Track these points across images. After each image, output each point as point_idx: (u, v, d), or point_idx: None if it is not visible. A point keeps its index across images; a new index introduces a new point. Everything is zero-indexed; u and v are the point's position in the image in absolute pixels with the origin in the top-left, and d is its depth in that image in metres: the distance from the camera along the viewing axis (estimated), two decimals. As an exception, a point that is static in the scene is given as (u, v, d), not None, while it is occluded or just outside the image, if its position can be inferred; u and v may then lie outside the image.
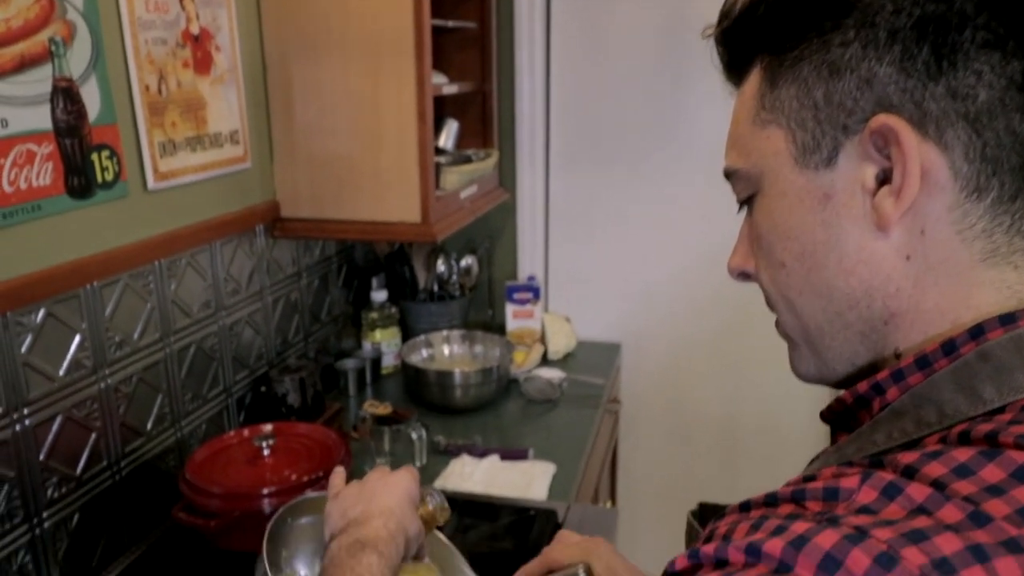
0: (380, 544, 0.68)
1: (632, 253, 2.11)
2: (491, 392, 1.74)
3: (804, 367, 0.55)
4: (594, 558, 0.78)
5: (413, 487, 0.79)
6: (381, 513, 0.72)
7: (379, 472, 0.80)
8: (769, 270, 0.53)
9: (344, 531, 0.70)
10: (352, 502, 0.75)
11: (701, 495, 2.19)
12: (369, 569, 0.64)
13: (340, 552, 0.67)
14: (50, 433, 1.06)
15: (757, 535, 0.39)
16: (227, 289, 1.43)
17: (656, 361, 2.16)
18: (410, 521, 0.74)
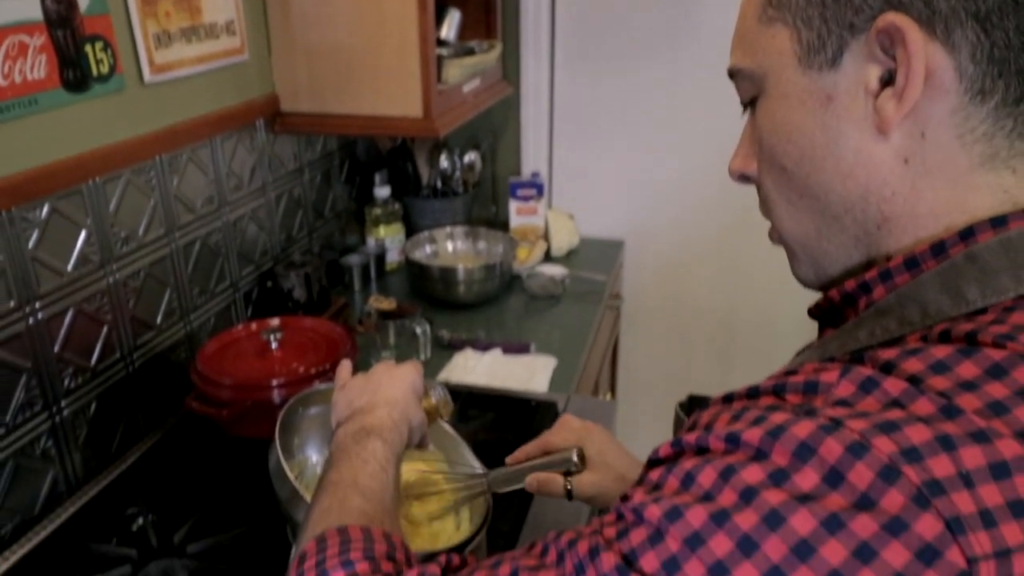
0: (384, 432, 0.70)
1: (637, 150, 2.09)
2: (494, 288, 1.76)
3: (803, 272, 0.56)
4: (588, 443, 0.82)
5: (417, 380, 0.81)
6: (386, 403, 0.75)
7: (384, 365, 0.82)
8: (770, 174, 0.53)
9: (350, 419, 0.73)
10: (358, 393, 0.77)
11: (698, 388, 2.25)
12: (374, 455, 0.67)
13: (346, 439, 0.70)
14: (63, 326, 1.09)
15: (737, 425, 0.40)
16: (229, 185, 1.43)
17: (658, 258, 2.18)
18: (414, 412, 0.77)
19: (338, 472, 0.65)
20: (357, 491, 0.62)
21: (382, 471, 0.66)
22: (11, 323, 1.01)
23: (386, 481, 0.65)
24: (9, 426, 1.02)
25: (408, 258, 1.78)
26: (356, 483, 0.63)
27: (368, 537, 0.54)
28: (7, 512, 1.03)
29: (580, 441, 0.83)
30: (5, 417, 1.01)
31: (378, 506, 0.61)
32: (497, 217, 2.18)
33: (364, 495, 0.61)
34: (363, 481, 0.63)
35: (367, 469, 0.65)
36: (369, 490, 0.62)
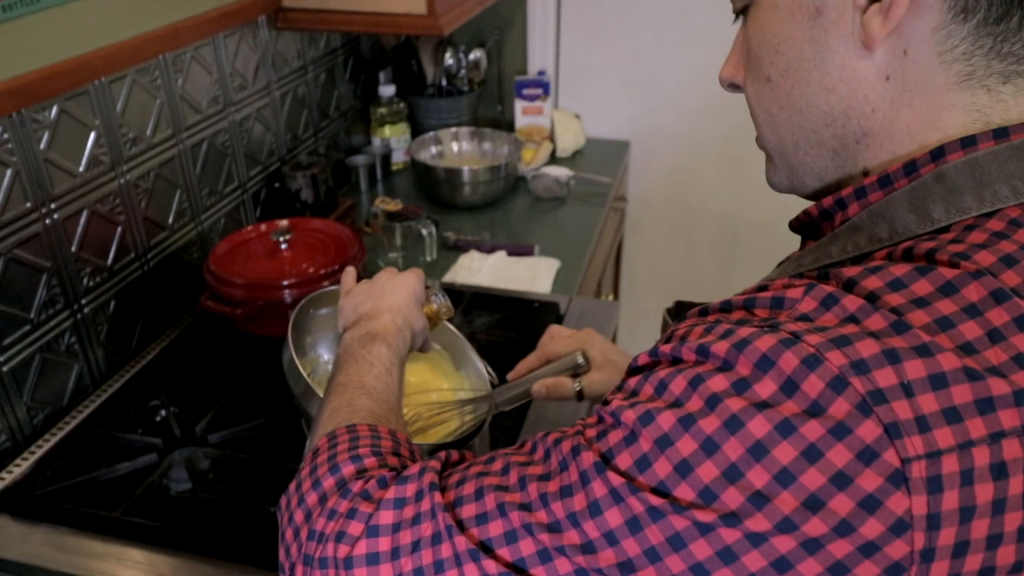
0: (389, 336, 0.74)
1: (646, 48, 2.04)
2: (499, 189, 1.77)
3: (777, 178, 0.58)
4: (588, 346, 0.86)
5: (418, 287, 0.84)
6: (389, 309, 0.78)
7: (387, 272, 0.85)
8: (755, 83, 0.54)
9: (356, 324, 0.76)
10: (363, 299, 0.80)
11: (700, 290, 2.30)
12: (379, 358, 0.70)
13: (352, 343, 0.73)
14: (78, 227, 1.11)
15: (708, 337, 0.43)
16: (234, 84, 1.43)
17: (663, 160, 2.17)
18: (416, 317, 0.80)
19: (346, 374, 0.68)
20: (364, 392, 0.65)
21: (387, 373, 0.69)
22: (29, 223, 1.03)
23: (391, 383, 0.69)
24: (34, 323, 1.06)
25: (414, 159, 1.79)
26: (363, 384, 0.66)
27: (375, 434, 0.59)
28: (37, 403, 1.08)
29: (580, 345, 0.86)
30: (30, 314, 1.05)
31: (383, 406, 0.65)
32: (503, 117, 2.16)
33: (371, 395, 0.65)
34: (369, 383, 0.67)
35: (373, 371, 0.69)
36: (375, 391, 0.66)
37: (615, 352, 0.86)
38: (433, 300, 0.86)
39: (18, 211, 1.01)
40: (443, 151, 1.92)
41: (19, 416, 1.05)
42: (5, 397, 1.03)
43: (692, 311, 0.50)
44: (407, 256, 1.55)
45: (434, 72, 1.99)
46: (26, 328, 1.05)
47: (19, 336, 1.04)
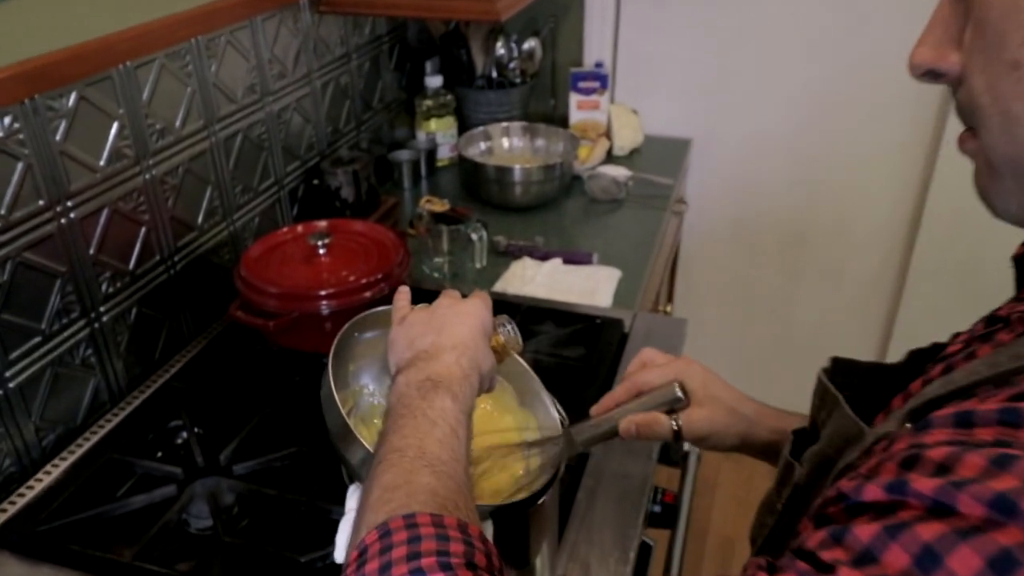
0: (454, 384, 0.60)
1: (711, 39, 1.89)
2: (553, 190, 1.64)
3: (1004, 203, 0.43)
4: (686, 377, 0.73)
5: (486, 317, 0.70)
6: (454, 347, 0.64)
7: (449, 298, 0.71)
8: (991, 70, 0.39)
9: (412, 365, 0.63)
10: (421, 330, 0.67)
11: (763, 304, 2.13)
12: (444, 414, 0.57)
13: (409, 391, 0.60)
14: (97, 226, 1.00)
15: (1003, 478, 0.29)
16: (272, 72, 1.31)
17: (727, 160, 2.02)
18: (483, 356, 0.66)
19: (401, 436, 0.55)
20: (425, 463, 0.53)
21: (453, 435, 0.56)
22: (42, 223, 0.92)
23: (458, 448, 0.56)
24: (46, 334, 0.95)
25: (461, 155, 1.66)
26: (424, 452, 0.53)
27: (441, 532, 0.46)
28: (48, 422, 0.98)
29: (680, 375, 0.74)
30: (41, 324, 0.94)
31: (450, 482, 0.52)
32: (555, 112, 2.02)
33: (434, 468, 0.52)
34: (432, 449, 0.54)
35: (435, 433, 0.55)
36: (440, 461, 0.53)
37: (718, 385, 0.74)
38: (501, 331, 0.73)
39: (30, 209, 0.91)
40: (492, 147, 1.79)
41: (27, 437, 0.95)
42: (11, 416, 0.92)
43: (942, 416, 0.35)
44: (454, 262, 1.42)
45: (484, 62, 1.86)
46: (36, 340, 0.94)
47: (28, 348, 0.93)
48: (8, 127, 0.86)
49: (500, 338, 0.72)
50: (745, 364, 2.21)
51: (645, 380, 0.75)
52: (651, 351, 0.80)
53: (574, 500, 0.90)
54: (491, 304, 0.72)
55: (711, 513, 2.08)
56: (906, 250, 1.95)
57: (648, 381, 0.75)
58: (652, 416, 0.72)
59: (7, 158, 0.87)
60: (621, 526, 0.89)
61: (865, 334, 2.10)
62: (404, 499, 0.49)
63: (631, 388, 0.76)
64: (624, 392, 0.76)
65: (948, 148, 1.79)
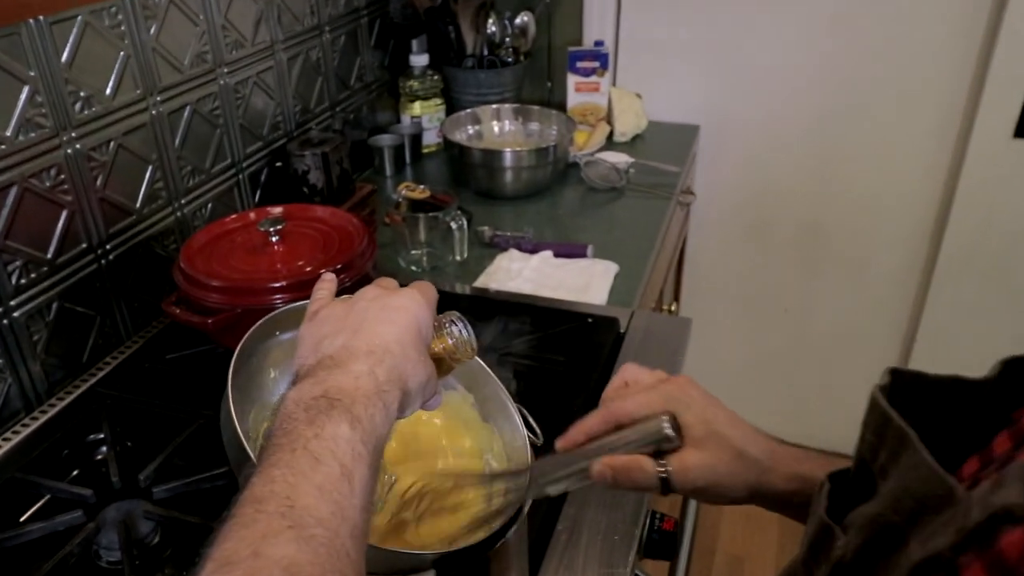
0: (357, 403, 0.45)
1: (723, 18, 1.74)
2: (546, 176, 1.49)
3: None
4: (680, 407, 0.56)
5: (422, 313, 0.54)
6: (369, 353, 0.49)
7: (376, 288, 0.56)
8: None
9: (311, 374, 0.48)
10: (332, 329, 0.52)
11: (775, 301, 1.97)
12: (333, 447, 0.42)
13: (297, 410, 0.45)
14: (4, 207, 0.86)
15: None
16: (227, 40, 1.17)
17: (738, 149, 1.86)
18: (413, 365, 0.51)
19: (268, 479, 0.40)
20: (290, 523, 0.38)
21: (343, 478, 0.41)
22: (-72, 202, 0.79)
23: (348, 498, 0.41)
24: (-64, 331, 0.82)
25: (446, 139, 1.51)
26: (293, 506, 0.39)
27: None
28: (-57, 434, 0.84)
29: (670, 404, 0.56)
30: (-70, 320, 0.81)
31: (322, 551, 0.37)
32: (552, 96, 1.88)
33: (302, 531, 0.37)
34: (305, 501, 0.39)
35: (316, 477, 0.40)
36: (313, 520, 0.38)
37: (721, 418, 0.56)
38: (447, 332, 0.57)
39: (-88, 185, 0.77)
40: (481, 131, 1.64)
41: (-86, 452, 0.81)
42: None
43: None
44: (433, 254, 1.28)
45: (474, 40, 1.72)
46: (-76, 338, 0.80)
47: (-86, 349, 0.80)
48: None
49: (447, 341, 0.57)
50: (757, 368, 2.06)
51: (625, 409, 0.58)
52: (633, 367, 0.63)
53: (552, 533, 0.76)
54: (434, 297, 0.57)
55: (718, 529, 1.93)
56: (933, 244, 1.79)
57: (629, 411, 0.57)
58: (633, 460, 0.55)
59: None
60: (609, 563, 0.74)
61: (888, 335, 1.94)
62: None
63: (607, 417, 0.58)
64: (600, 422, 0.58)
65: (980, 135, 1.63)
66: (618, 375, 0.63)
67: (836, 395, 2.03)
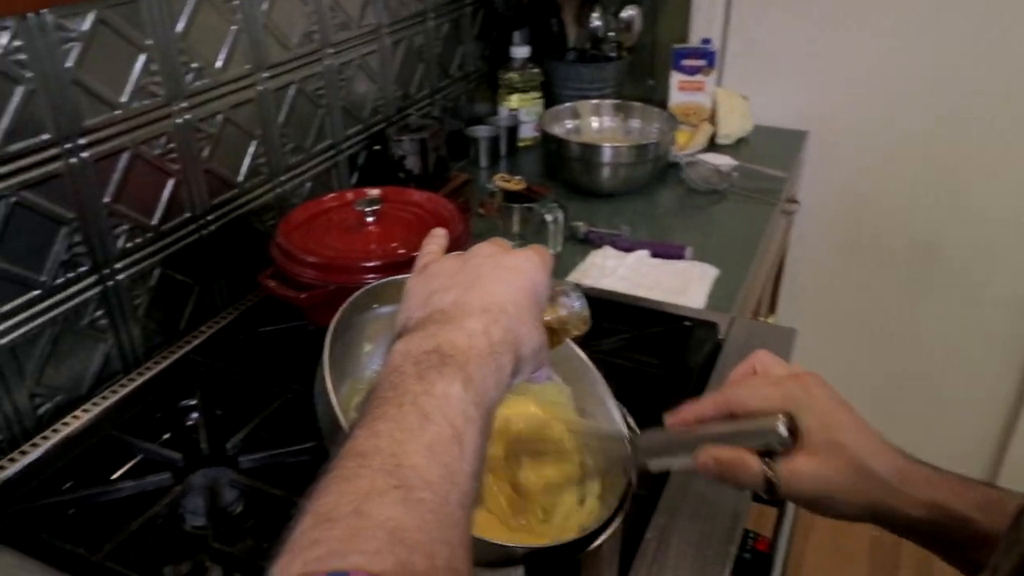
0: (471, 362, 0.42)
1: (839, 19, 1.66)
2: (645, 175, 1.45)
3: None
4: (801, 407, 0.51)
5: (540, 277, 0.51)
6: (484, 310, 0.46)
7: (492, 245, 0.54)
8: None
9: (420, 327, 0.45)
10: (443, 283, 0.49)
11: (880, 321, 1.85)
12: (444, 406, 0.39)
13: (405, 364, 0.42)
14: (115, 171, 0.88)
15: None
16: (334, 20, 1.17)
17: (849, 157, 1.77)
18: (528, 330, 0.48)
19: (373, 433, 0.38)
20: (397, 482, 0.35)
21: (453, 439, 0.38)
22: (46, 160, 0.80)
23: (458, 461, 0.38)
24: (47, 287, 0.83)
25: (544, 132, 1.49)
26: (400, 464, 0.36)
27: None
28: (46, 388, 0.86)
29: (789, 402, 0.51)
30: (40, 276, 0.83)
31: (430, 518, 0.34)
32: (654, 93, 1.83)
33: (409, 493, 0.34)
34: (414, 460, 0.36)
35: (425, 435, 0.37)
36: (422, 482, 0.35)
37: (847, 426, 0.51)
38: (562, 303, 0.54)
39: (32, 143, 0.79)
40: (580, 127, 1.61)
41: (19, 403, 0.83)
42: (1, 378, 0.81)
43: None
44: (524, 246, 1.25)
45: (577, 34, 1.69)
46: (35, 294, 0.82)
47: (24, 303, 0.82)
48: (7, 45, 0.74)
49: (559, 311, 0.54)
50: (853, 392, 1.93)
51: (742, 400, 0.53)
52: (768, 355, 0.58)
53: (641, 541, 0.71)
54: (551, 263, 0.54)
55: (803, 558, 1.83)
56: (1060, 271, 1.66)
57: (746, 402, 0.53)
58: (739, 456, 0.51)
59: (4, 79, 0.75)
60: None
61: (1003, 366, 1.81)
62: (341, 541, 0.31)
63: (721, 403, 0.54)
64: (712, 406, 0.54)
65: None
66: (747, 361, 0.58)
67: (940, 430, 1.90)
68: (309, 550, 0.31)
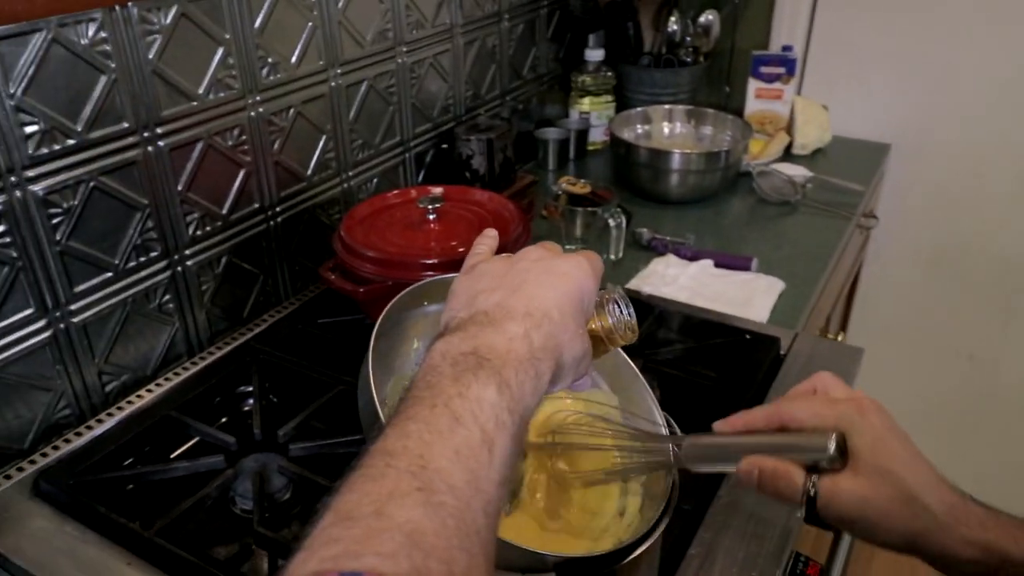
0: (509, 366, 0.42)
1: (932, 28, 1.59)
2: (714, 183, 1.41)
3: None
4: (855, 428, 0.49)
5: (587, 284, 0.51)
6: (527, 315, 0.45)
7: (541, 249, 0.53)
8: None
9: (462, 328, 0.45)
10: (489, 284, 0.49)
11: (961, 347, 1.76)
12: (477, 410, 0.39)
13: (443, 364, 0.42)
14: (189, 160, 0.91)
15: None
16: (409, 19, 1.19)
17: (934, 172, 1.69)
18: (570, 337, 0.47)
19: (403, 433, 0.37)
20: (420, 484, 0.35)
21: (483, 445, 0.38)
22: (124, 148, 0.84)
23: (485, 468, 0.37)
24: (119, 270, 0.87)
25: (613, 136, 1.47)
26: (425, 466, 0.36)
27: None
28: (114, 367, 0.90)
29: (843, 423, 0.50)
30: (114, 259, 0.86)
31: (450, 523, 0.34)
32: (730, 102, 1.78)
33: (431, 496, 0.34)
34: (439, 463, 0.36)
35: (455, 438, 0.37)
36: (446, 486, 0.35)
37: (899, 454, 0.49)
38: (609, 310, 0.54)
39: (112, 130, 0.82)
40: (651, 132, 1.59)
41: (88, 380, 0.87)
42: (71, 355, 0.84)
43: None
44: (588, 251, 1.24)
45: (653, 38, 1.66)
46: (107, 275, 0.86)
47: (97, 284, 0.85)
48: (93, 36, 0.78)
49: (606, 319, 0.53)
50: (927, 419, 1.85)
51: (794, 414, 0.52)
52: (830, 377, 0.56)
53: (683, 558, 0.70)
54: (601, 269, 0.53)
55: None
56: None
57: (798, 417, 0.52)
58: (783, 467, 0.50)
59: (89, 69, 0.78)
60: (744, 601, 0.67)
61: (1093, 401, 1.70)
62: (358, 542, 0.31)
63: (773, 416, 0.53)
64: (763, 417, 0.54)
65: None
66: (809, 380, 0.57)
67: (1019, 463, 1.80)
68: (326, 548, 0.31)
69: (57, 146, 0.77)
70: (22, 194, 0.75)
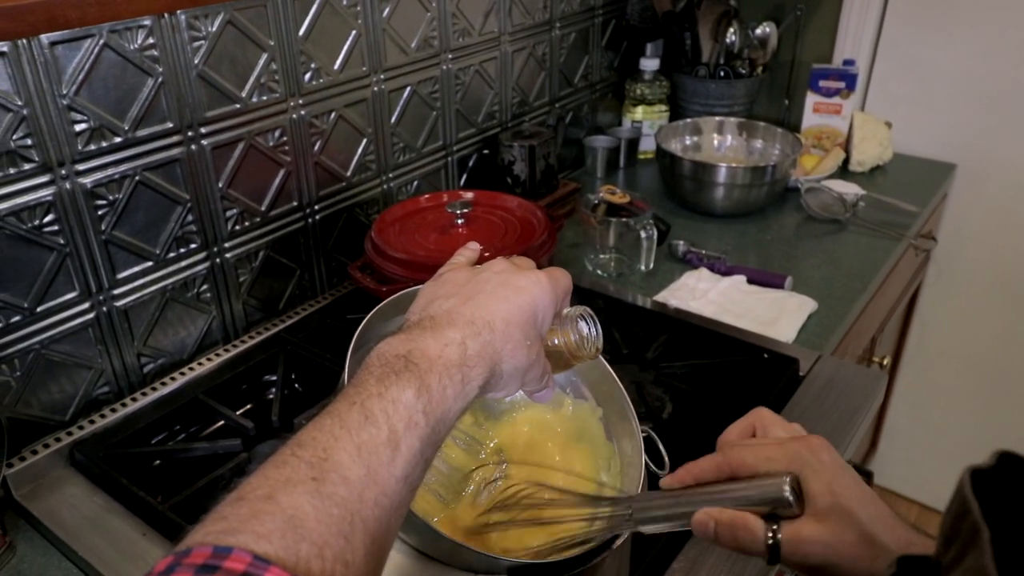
0: (433, 373, 0.44)
1: (1004, 44, 1.52)
2: (759, 198, 1.39)
3: None
4: (807, 470, 0.49)
5: (543, 299, 0.52)
6: (470, 323, 0.47)
7: (508, 264, 0.54)
8: None
9: (407, 330, 0.47)
10: (448, 290, 0.51)
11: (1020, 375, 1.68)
12: (390, 410, 0.41)
13: (376, 363, 0.44)
14: (231, 159, 0.97)
15: None
16: (455, 28, 1.22)
17: (1002, 195, 1.62)
18: (513, 347, 0.49)
19: (318, 427, 0.40)
20: (315, 474, 0.37)
21: (389, 443, 0.40)
22: (168, 146, 0.90)
23: (386, 465, 0.39)
24: (159, 259, 0.93)
25: (659, 147, 1.47)
26: (326, 458, 0.38)
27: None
28: (153, 350, 0.96)
29: (795, 465, 0.49)
30: (156, 249, 0.92)
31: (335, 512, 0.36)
32: (788, 116, 1.75)
33: (322, 486, 0.36)
34: (339, 457, 0.38)
35: (361, 435, 0.39)
36: (340, 479, 0.37)
37: (854, 492, 0.48)
38: (571, 327, 0.55)
39: (157, 129, 0.88)
40: (700, 143, 1.58)
41: (127, 361, 0.93)
42: (112, 337, 0.91)
43: None
44: (622, 260, 1.25)
45: (711, 49, 1.65)
46: (148, 264, 0.92)
47: (139, 271, 0.91)
48: (142, 42, 0.84)
49: (570, 336, 0.54)
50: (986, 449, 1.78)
51: (745, 461, 0.51)
52: (767, 414, 0.56)
53: (666, 570, 0.70)
54: (566, 286, 0.54)
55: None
56: None
57: (749, 463, 0.51)
58: (740, 518, 0.49)
59: (137, 72, 0.84)
60: (721, 623, 0.67)
61: None
62: (241, 520, 0.34)
63: (723, 465, 0.52)
64: (713, 468, 0.52)
65: None
66: (746, 418, 0.56)
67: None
68: (214, 523, 0.34)
69: (105, 143, 0.83)
70: (71, 186, 0.82)
